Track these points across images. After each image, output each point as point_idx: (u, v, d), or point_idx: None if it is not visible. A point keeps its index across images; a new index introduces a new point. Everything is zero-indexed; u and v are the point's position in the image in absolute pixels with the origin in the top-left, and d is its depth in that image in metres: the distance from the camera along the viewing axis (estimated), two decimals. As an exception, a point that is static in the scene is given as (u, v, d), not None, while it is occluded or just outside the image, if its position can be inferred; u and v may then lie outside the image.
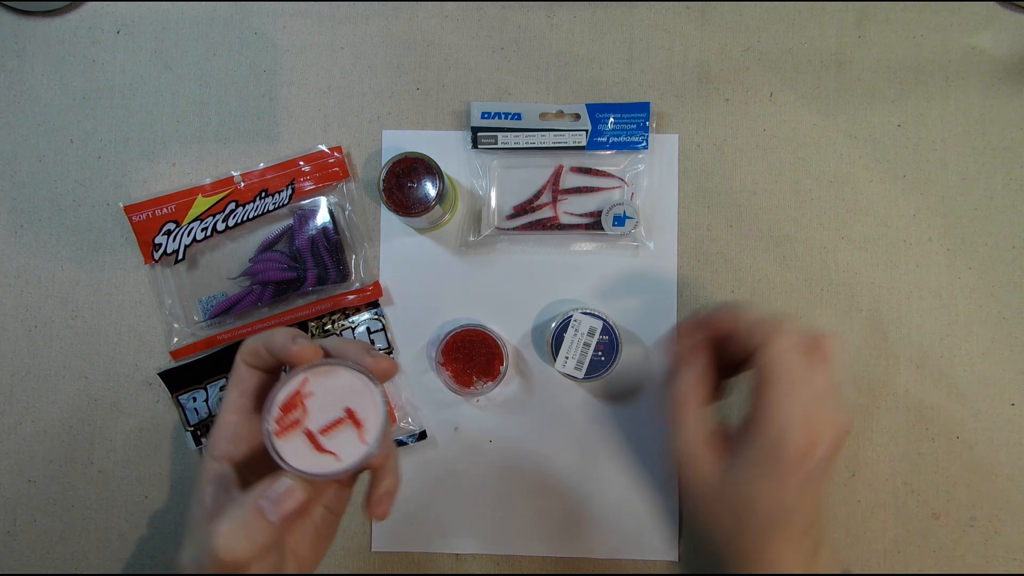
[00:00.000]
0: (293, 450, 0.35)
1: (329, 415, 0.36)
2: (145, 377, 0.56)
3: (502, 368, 0.53)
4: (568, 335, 0.51)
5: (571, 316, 0.51)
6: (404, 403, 0.56)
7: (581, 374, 0.51)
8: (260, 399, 0.39)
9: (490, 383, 0.53)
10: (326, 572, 0.56)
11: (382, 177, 0.50)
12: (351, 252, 0.56)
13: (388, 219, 0.56)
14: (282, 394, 0.36)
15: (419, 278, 0.56)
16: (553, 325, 0.52)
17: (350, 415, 0.36)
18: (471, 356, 0.53)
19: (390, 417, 0.37)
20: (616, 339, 0.52)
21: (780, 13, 0.57)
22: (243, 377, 0.39)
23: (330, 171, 0.55)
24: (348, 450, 0.35)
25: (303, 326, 0.55)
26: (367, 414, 0.36)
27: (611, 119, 0.55)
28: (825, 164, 0.56)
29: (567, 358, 0.51)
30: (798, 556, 0.40)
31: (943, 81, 0.56)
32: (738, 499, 0.40)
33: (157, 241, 0.54)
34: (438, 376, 0.54)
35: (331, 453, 0.35)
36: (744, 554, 0.40)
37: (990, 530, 0.55)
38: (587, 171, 0.56)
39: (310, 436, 0.35)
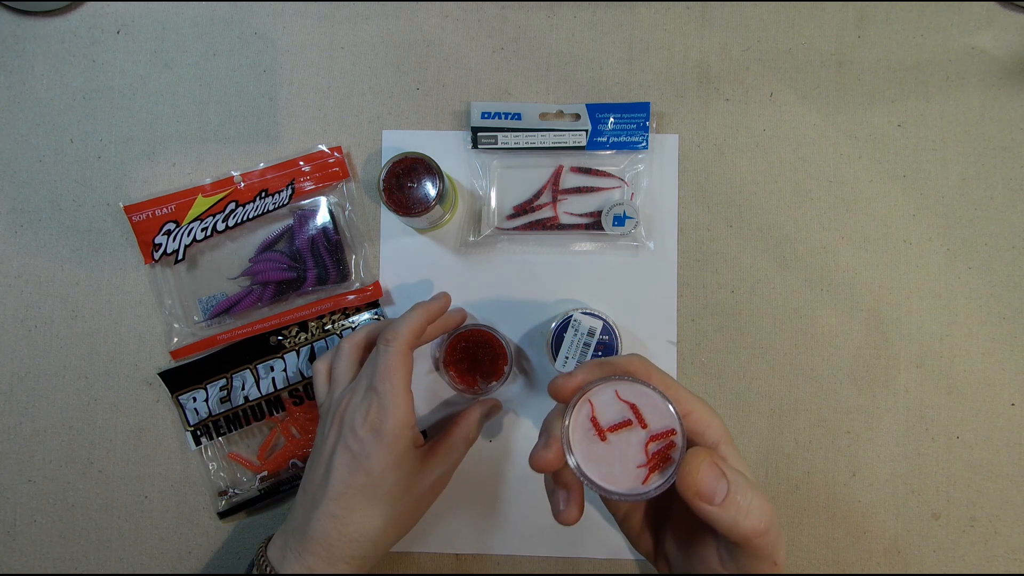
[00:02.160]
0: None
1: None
2: (145, 377, 0.56)
3: (506, 368, 0.53)
4: (568, 335, 0.51)
5: (571, 316, 0.51)
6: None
7: None
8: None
9: (494, 383, 0.53)
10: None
11: (382, 177, 0.50)
12: (351, 252, 0.56)
13: (388, 219, 0.56)
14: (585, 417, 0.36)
15: (419, 278, 0.56)
16: (553, 325, 0.52)
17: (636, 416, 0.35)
18: (475, 357, 0.53)
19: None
20: (616, 339, 0.52)
21: (780, 13, 0.57)
22: (410, 362, 0.46)
23: (330, 171, 0.55)
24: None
25: (303, 326, 0.55)
26: (650, 414, 0.35)
27: (611, 119, 0.55)
28: (825, 164, 0.56)
29: (567, 358, 0.51)
30: None
31: (943, 81, 0.56)
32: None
33: (157, 241, 0.54)
34: (442, 377, 0.54)
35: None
36: None
37: (990, 530, 0.55)
38: (587, 171, 0.56)
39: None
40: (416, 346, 0.47)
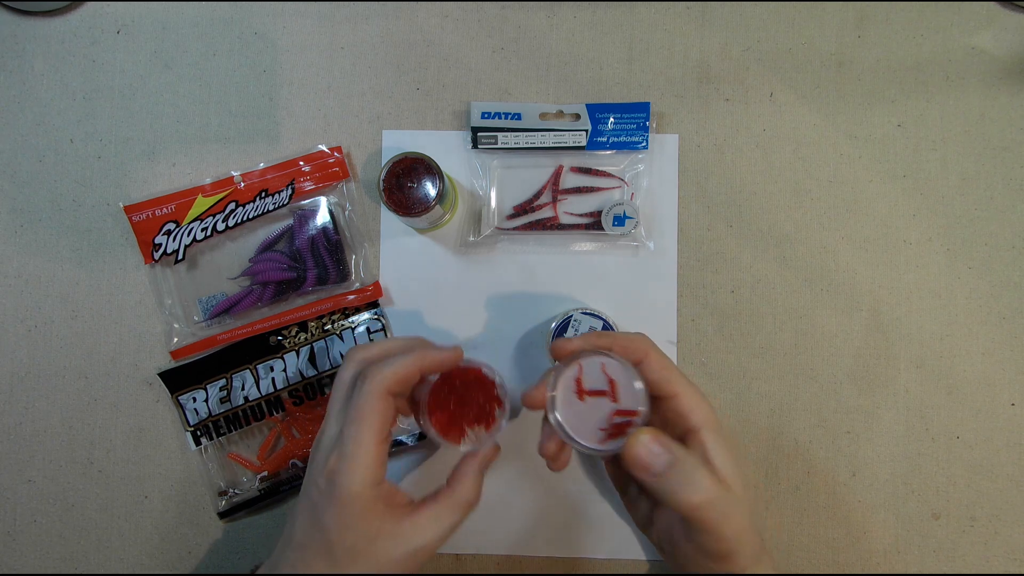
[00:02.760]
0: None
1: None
2: (145, 377, 0.56)
3: (499, 413, 0.43)
4: (568, 335, 0.51)
5: (571, 316, 0.51)
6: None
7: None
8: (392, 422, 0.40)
9: (486, 434, 0.43)
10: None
11: (382, 177, 0.50)
12: (351, 252, 0.56)
13: (388, 219, 0.56)
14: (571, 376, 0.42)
15: (419, 278, 0.56)
16: (553, 325, 0.52)
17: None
18: (463, 400, 0.43)
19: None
20: None
21: (780, 13, 0.57)
22: (386, 408, 0.39)
23: (330, 171, 0.55)
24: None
25: (303, 326, 0.55)
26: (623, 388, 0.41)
27: (611, 119, 0.55)
28: (825, 164, 0.56)
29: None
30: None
31: (943, 81, 0.56)
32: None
33: (157, 241, 0.54)
34: (421, 426, 0.44)
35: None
36: None
37: (990, 530, 0.55)
38: (587, 171, 0.56)
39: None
40: (400, 392, 0.40)
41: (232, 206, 0.54)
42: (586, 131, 0.55)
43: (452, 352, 0.42)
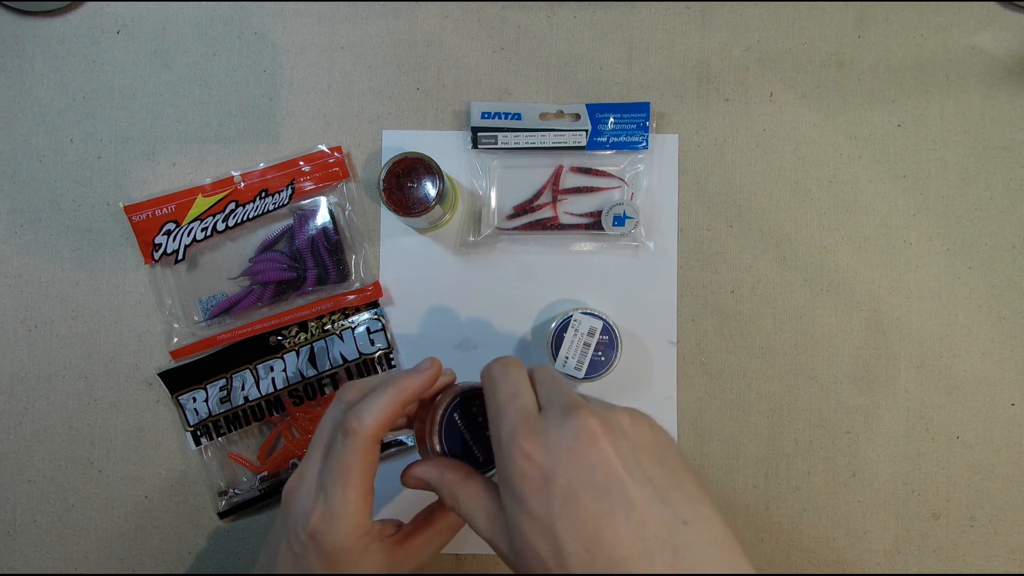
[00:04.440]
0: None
1: None
2: (145, 377, 0.56)
3: None
4: (568, 335, 0.51)
5: (571, 316, 0.51)
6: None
7: (581, 374, 0.51)
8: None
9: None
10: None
11: (382, 177, 0.50)
12: (351, 252, 0.56)
13: (388, 219, 0.56)
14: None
15: (419, 278, 0.56)
16: (553, 325, 0.52)
17: None
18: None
19: None
20: (616, 339, 0.52)
21: (780, 13, 0.57)
22: (370, 460, 0.37)
23: (330, 171, 0.55)
24: None
25: (303, 326, 0.55)
26: None
27: (611, 119, 0.55)
28: (825, 164, 0.56)
29: (567, 358, 0.51)
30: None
31: (943, 81, 0.56)
32: (526, 548, 0.32)
33: (157, 241, 0.54)
34: (428, 445, 0.40)
35: None
36: None
37: (990, 530, 0.55)
38: (587, 171, 0.56)
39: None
40: (385, 434, 0.38)
41: (232, 206, 0.54)
42: (586, 131, 0.55)
43: (429, 372, 0.39)
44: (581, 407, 0.33)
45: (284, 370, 0.55)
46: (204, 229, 0.54)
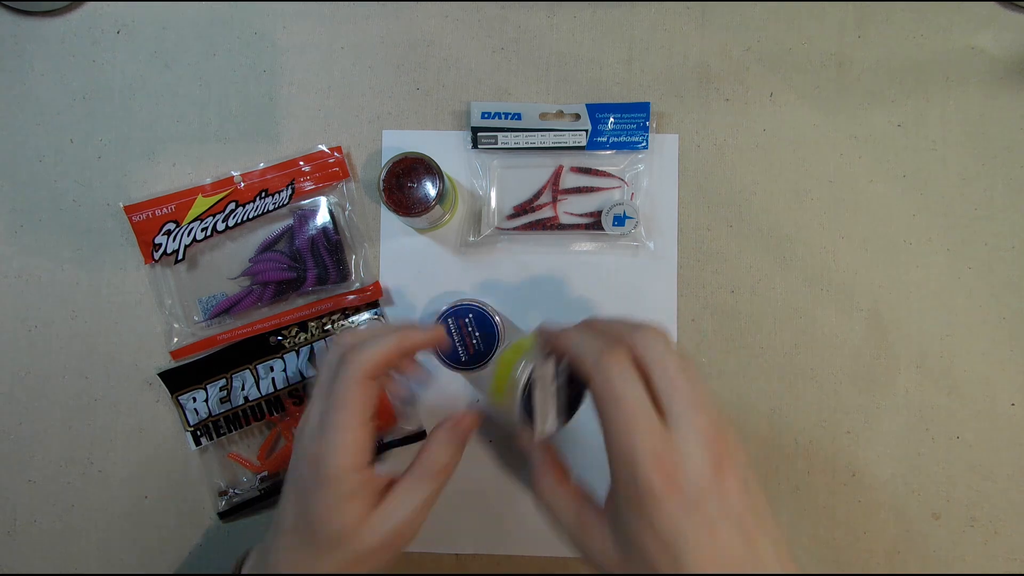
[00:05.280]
0: None
1: None
2: (145, 377, 0.56)
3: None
4: (537, 391, 0.41)
5: (531, 375, 0.41)
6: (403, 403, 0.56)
7: (559, 423, 0.42)
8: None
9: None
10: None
11: (382, 177, 0.50)
12: (351, 252, 0.56)
13: (388, 219, 0.56)
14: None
15: (419, 278, 0.56)
16: (520, 390, 0.41)
17: None
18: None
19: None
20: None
21: (780, 13, 0.57)
22: (367, 392, 0.39)
23: (330, 171, 0.55)
24: None
25: (303, 326, 0.55)
26: None
27: (611, 119, 0.55)
28: (825, 164, 0.56)
29: (544, 419, 0.41)
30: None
31: (943, 81, 0.56)
32: (639, 558, 0.34)
33: (157, 241, 0.54)
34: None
35: None
36: None
37: (990, 530, 0.55)
38: (587, 171, 0.56)
39: None
40: (381, 375, 0.40)
41: (232, 206, 0.54)
42: (586, 131, 0.55)
43: (434, 332, 0.42)
44: (710, 424, 0.34)
45: (284, 370, 0.55)
46: (204, 229, 0.54)
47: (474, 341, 0.53)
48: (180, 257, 0.54)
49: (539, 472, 0.40)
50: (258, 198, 0.55)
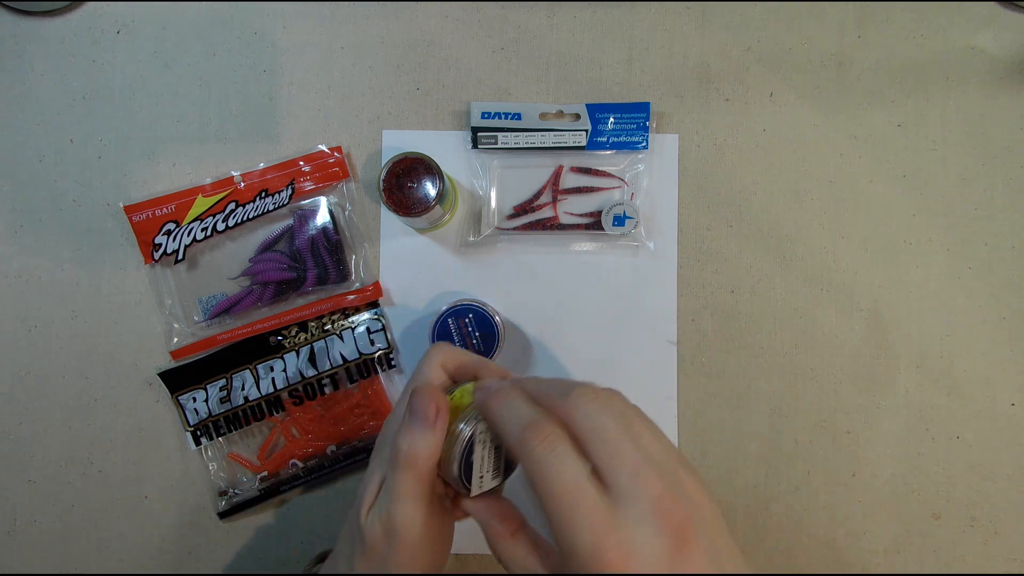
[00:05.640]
0: None
1: None
2: (145, 377, 0.56)
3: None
4: (477, 452, 0.37)
5: (471, 437, 0.36)
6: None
7: (500, 478, 0.39)
8: None
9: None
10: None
11: (382, 177, 0.50)
12: (351, 252, 0.56)
13: (388, 219, 0.56)
14: None
15: (419, 278, 0.56)
16: (458, 450, 0.36)
17: None
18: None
19: None
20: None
21: (780, 13, 0.57)
22: (428, 501, 0.36)
23: (330, 171, 0.55)
24: None
25: (303, 326, 0.55)
26: None
27: (611, 119, 0.55)
28: (825, 164, 0.56)
29: (481, 477, 0.37)
30: None
31: (943, 81, 0.56)
32: None
33: (157, 241, 0.54)
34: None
35: None
36: None
37: (990, 530, 0.55)
38: (587, 171, 0.56)
39: None
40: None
41: (232, 206, 0.54)
42: (586, 131, 0.55)
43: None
44: (664, 489, 0.29)
45: (284, 370, 0.55)
46: (204, 229, 0.54)
47: (474, 341, 0.53)
48: (180, 257, 0.54)
49: (487, 528, 0.37)
50: (258, 198, 0.55)
